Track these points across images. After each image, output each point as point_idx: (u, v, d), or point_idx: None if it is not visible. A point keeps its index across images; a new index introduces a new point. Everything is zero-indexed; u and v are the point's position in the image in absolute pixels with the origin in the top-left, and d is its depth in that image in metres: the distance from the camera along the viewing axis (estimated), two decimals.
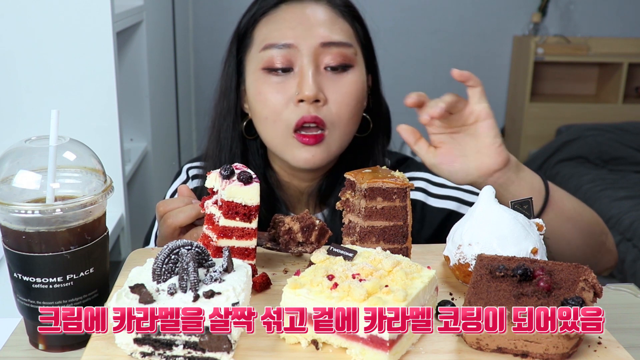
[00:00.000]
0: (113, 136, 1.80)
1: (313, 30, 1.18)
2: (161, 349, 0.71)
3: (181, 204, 1.07)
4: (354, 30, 1.24)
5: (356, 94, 1.21)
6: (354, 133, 1.25)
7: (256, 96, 1.21)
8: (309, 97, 1.15)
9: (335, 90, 1.19)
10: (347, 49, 1.20)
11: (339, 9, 1.23)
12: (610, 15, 4.25)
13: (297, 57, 1.18)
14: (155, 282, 0.73)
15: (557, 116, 4.16)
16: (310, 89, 1.15)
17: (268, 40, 1.19)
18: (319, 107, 1.17)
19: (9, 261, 0.82)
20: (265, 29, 1.22)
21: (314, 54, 1.17)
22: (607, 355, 0.73)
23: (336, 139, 1.21)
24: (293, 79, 1.18)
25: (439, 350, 0.74)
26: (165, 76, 2.83)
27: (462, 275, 0.90)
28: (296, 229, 0.93)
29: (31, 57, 1.71)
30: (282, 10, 1.22)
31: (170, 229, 1.05)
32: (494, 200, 0.91)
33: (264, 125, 1.22)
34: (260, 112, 1.21)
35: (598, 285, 0.76)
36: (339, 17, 1.22)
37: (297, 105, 1.17)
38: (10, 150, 0.82)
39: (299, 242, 0.94)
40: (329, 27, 1.19)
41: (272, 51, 1.18)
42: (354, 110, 1.21)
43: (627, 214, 3.15)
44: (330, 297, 0.72)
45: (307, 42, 1.17)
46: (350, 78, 1.20)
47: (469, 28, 4.22)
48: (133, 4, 2.18)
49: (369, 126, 1.29)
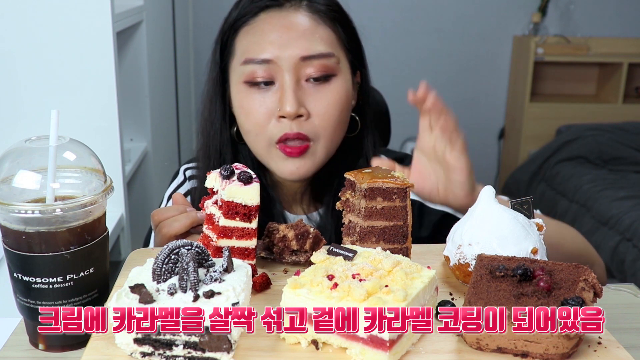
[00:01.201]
0: (113, 136, 1.80)
1: (292, 44, 1.16)
2: (161, 349, 0.71)
3: (176, 212, 1.07)
4: (336, 36, 1.21)
5: (339, 103, 1.19)
6: (342, 138, 1.25)
7: (239, 109, 1.21)
8: (290, 114, 1.14)
9: (318, 102, 1.17)
10: (328, 60, 1.18)
11: (320, 14, 1.20)
12: (610, 15, 4.25)
13: (277, 71, 1.16)
14: (155, 282, 0.73)
15: (557, 116, 4.16)
16: (292, 105, 1.14)
17: (248, 55, 1.18)
18: (302, 121, 1.16)
19: (9, 261, 0.82)
20: (245, 40, 1.20)
21: (294, 68, 1.16)
22: (607, 355, 0.73)
23: (321, 149, 1.20)
24: (275, 93, 1.17)
25: (439, 350, 0.74)
26: (165, 76, 2.83)
27: (462, 275, 0.90)
28: (290, 236, 0.93)
29: (31, 57, 1.71)
30: (262, 20, 1.19)
31: (166, 238, 1.05)
32: (494, 200, 0.91)
33: (247, 137, 1.22)
34: (243, 125, 1.21)
35: (598, 285, 0.76)
36: (319, 24, 1.19)
37: (280, 120, 1.16)
38: (10, 150, 0.82)
39: (293, 250, 0.94)
40: (309, 38, 1.17)
41: (252, 66, 1.17)
42: (339, 119, 1.20)
43: (627, 214, 3.15)
44: (330, 297, 0.72)
45: (286, 57, 1.15)
46: (333, 88, 1.19)
47: (469, 28, 4.22)
48: (133, 4, 2.18)
49: (358, 125, 1.29)
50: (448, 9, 4.19)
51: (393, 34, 4.20)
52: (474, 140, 4.19)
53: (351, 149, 1.29)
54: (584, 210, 3.43)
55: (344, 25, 1.24)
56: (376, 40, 4.47)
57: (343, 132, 1.24)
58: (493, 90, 4.37)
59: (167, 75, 2.90)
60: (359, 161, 1.29)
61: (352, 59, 1.25)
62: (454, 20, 4.20)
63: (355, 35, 1.27)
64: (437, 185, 1.12)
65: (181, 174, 1.37)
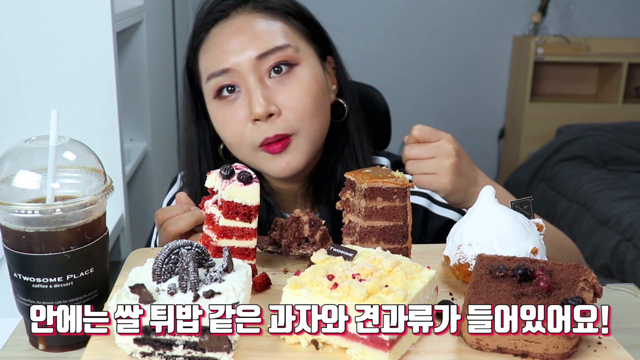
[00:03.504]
0: (113, 136, 1.80)
1: (246, 47, 1.16)
2: (161, 349, 0.71)
3: (180, 211, 1.07)
4: (290, 27, 1.20)
5: (309, 90, 1.18)
6: (327, 125, 1.24)
7: (217, 124, 1.22)
8: (261, 115, 1.14)
9: (286, 94, 1.17)
10: (284, 51, 1.17)
11: (268, 11, 1.20)
12: (610, 15, 4.25)
13: (240, 77, 1.16)
14: (155, 282, 0.73)
15: (557, 116, 4.16)
16: (261, 105, 1.14)
17: (209, 71, 1.19)
18: (275, 119, 1.16)
19: (9, 261, 0.82)
20: (204, 59, 1.21)
21: (253, 69, 1.15)
22: (607, 355, 0.73)
23: (305, 140, 1.19)
24: (243, 100, 1.17)
25: (439, 350, 0.74)
26: (165, 76, 2.83)
27: (462, 275, 0.90)
28: (305, 219, 0.93)
29: (31, 57, 1.71)
30: (213, 34, 1.20)
31: (170, 236, 1.05)
32: (494, 200, 0.91)
33: (233, 149, 1.23)
34: (225, 138, 1.22)
35: (598, 285, 0.76)
36: (269, 20, 1.19)
37: (255, 124, 1.16)
38: (10, 150, 0.82)
39: (304, 237, 0.94)
40: (260, 36, 1.17)
41: (215, 79, 1.18)
42: (313, 107, 1.18)
43: (627, 214, 3.15)
44: (330, 297, 0.72)
45: (244, 61, 1.15)
46: (298, 77, 1.18)
47: (469, 28, 4.22)
48: (133, 4, 2.18)
49: (345, 110, 1.28)
50: (448, 9, 4.19)
51: (393, 34, 4.21)
52: (474, 140, 4.20)
53: (341, 135, 1.29)
54: (584, 210, 3.43)
55: (298, 16, 1.23)
56: (376, 40, 4.49)
57: (325, 119, 1.23)
58: (493, 91, 4.37)
59: (167, 75, 2.90)
60: (345, 149, 1.28)
61: (316, 45, 1.24)
62: (454, 20, 4.20)
63: (314, 23, 1.26)
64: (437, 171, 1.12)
65: (179, 180, 1.37)
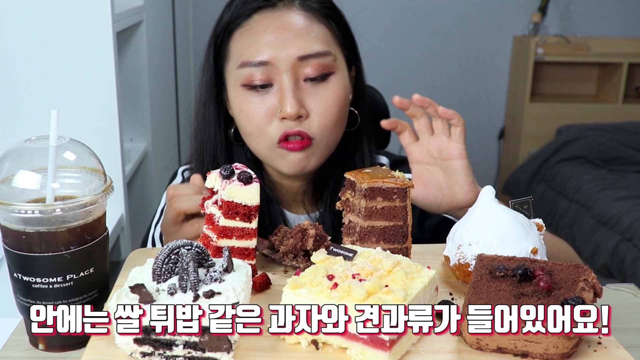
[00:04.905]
0: (113, 136, 1.80)
1: (289, 44, 1.15)
2: (161, 349, 0.71)
3: (191, 191, 1.07)
4: (331, 33, 1.21)
5: (339, 100, 1.19)
6: (342, 134, 1.25)
7: (239, 112, 1.20)
8: (291, 115, 1.14)
9: (318, 101, 1.17)
10: (325, 58, 1.17)
11: (314, 12, 1.19)
12: (610, 15, 4.25)
13: (275, 73, 1.16)
14: (155, 282, 0.73)
15: (557, 116, 4.16)
16: (292, 106, 1.14)
17: (244, 57, 1.17)
18: (302, 121, 1.16)
19: (9, 261, 0.82)
20: (240, 43, 1.19)
21: (292, 69, 1.15)
22: (607, 355, 0.73)
23: (323, 146, 1.20)
24: (274, 95, 1.16)
25: (439, 350, 0.74)
26: (165, 76, 2.83)
27: (462, 275, 0.90)
28: (311, 233, 0.93)
29: (31, 57, 1.71)
30: (255, 21, 1.18)
31: (175, 212, 1.05)
32: (494, 200, 0.91)
33: (249, 139, 1.22)
34: (244, 128, 1.21)
35: (598, 285, 0.76)
36: (314, 22, 1.18)
37: (281, 121, 1.16)
38: (10, 150, 0.82)
39: (305, 250, 0.94)
40: (304, 37, 1.16)
41: (249, 69, 1.16)
42: (338, 117, 1.20)
43: (627, 214, 3.15)
44: (330, 297, 0.72)
45: (284, 58, 1.15)
46: (332, 86, 1.18)
47: (469, 28, 4.22)
48: (133, 4, 2.18)
49: (357, 119, 1.29)
50: (448, 9, 4.19)
51: (393, 34, 4.20)
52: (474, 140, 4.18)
53: (348, 144, 1.29)
54: (584, 210, 3.43)
55: (338, 22, 1.23)
56: (376, 40, 4.49)
57: (342, 129, 1.24)
58: (493, 90, 4.37)
59: (167, 75, 2.90)
60: (356, 155, 1.29)
61: (347, 54, 1.25)
62: (454, 20, 4.20)
63: (349, 30, 1.26)
64: (440, 184, 1.15)
65: (179, 175, 1.37)
